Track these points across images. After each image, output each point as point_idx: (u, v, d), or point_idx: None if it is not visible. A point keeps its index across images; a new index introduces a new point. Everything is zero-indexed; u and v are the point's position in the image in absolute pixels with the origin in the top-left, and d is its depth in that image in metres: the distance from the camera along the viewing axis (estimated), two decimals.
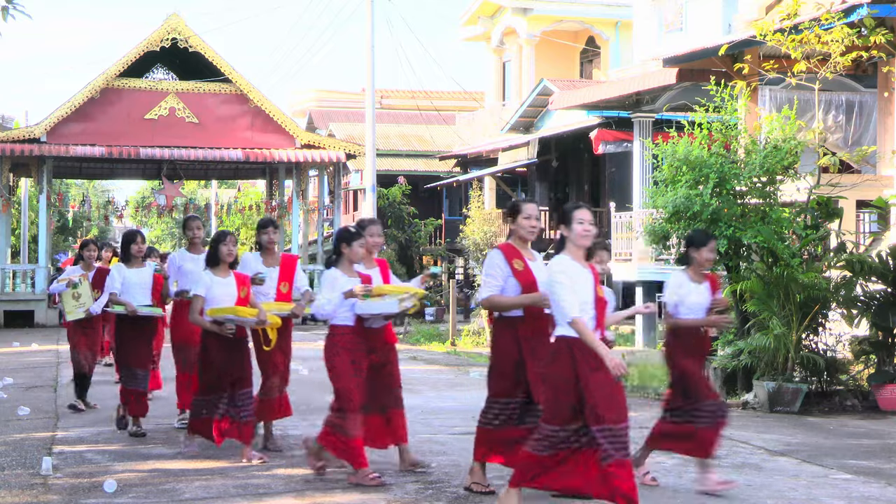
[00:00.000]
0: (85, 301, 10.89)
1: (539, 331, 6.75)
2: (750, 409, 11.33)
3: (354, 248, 7.51)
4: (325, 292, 7.42)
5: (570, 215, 6.18)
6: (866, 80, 16.59)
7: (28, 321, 25.20)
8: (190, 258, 9.46)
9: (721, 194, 11.81)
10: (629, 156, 22.19)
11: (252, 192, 42.53)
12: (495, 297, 6.83)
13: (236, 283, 8.33)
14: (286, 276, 8.86)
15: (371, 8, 25.56)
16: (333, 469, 7.89)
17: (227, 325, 8.15)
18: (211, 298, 8.20)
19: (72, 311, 10.95)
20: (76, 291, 10.89)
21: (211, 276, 8.28)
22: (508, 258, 6.83)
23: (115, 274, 9.61)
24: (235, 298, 8.24)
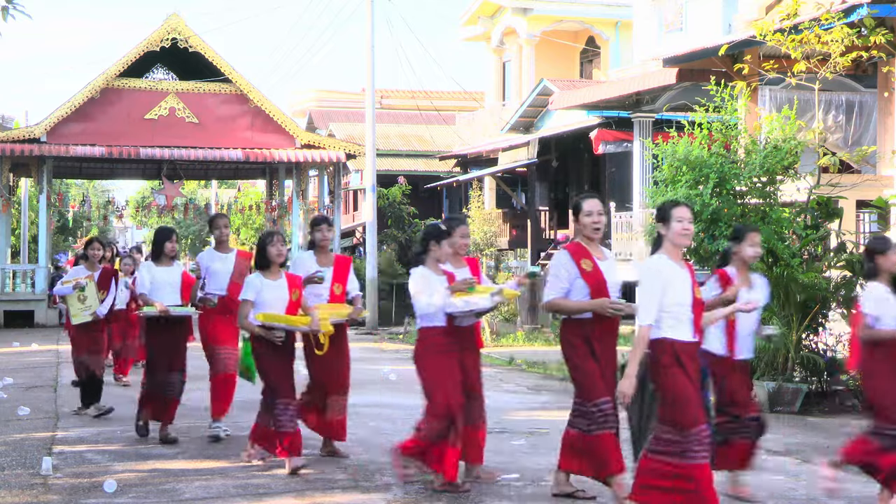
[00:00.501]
0: (91, 304, 10.58)
1: (609, 331, 6.64)
2: None
3: (444, 246, 7.22)
4: (420, 293, 7.09)
5: (668, 213, 5.94)
6: (866, 80, 16.59)
7: (28, 321, 25.19)
8: (219, 258, 9.15)
9: (721, 194, 11.81)
10: (629, 156, 22.19)
11: (252, 192, 42.51)
12: (558, 301, 6.60)
13: (288, 285, 7.91)
14: (340, 278, 8.42)
15: (371, 8, 25.55)
16: (333, 469, 7.89)
17: (277, 333, 7.76)
18: (261, 303, 7.78)
19: (77, 314, 10.61)
20: (82, 294, 10.55)
21: (261, 280, 7.85)
22: (576, 258, 6.59)
23: (144, 273, 9.16)
24: (287, 302, 7.84)
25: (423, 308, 7.11)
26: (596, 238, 6.70)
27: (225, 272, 9.13)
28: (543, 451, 8.64)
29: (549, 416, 9.86)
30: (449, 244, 7.28)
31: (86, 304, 10.57)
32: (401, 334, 23.47)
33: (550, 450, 8.56)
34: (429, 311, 7.08)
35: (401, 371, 14.81)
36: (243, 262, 9.26)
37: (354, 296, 8.51)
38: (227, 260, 9.12)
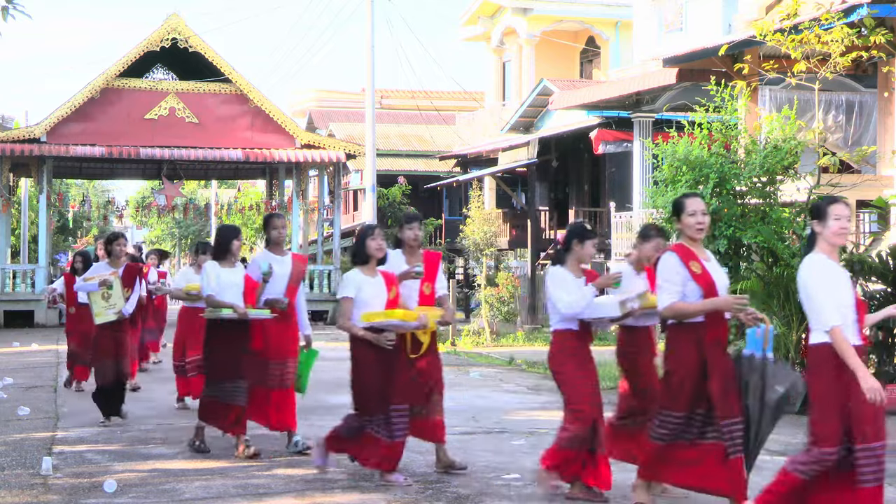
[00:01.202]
0: (116, 302, 9.95)
1: (721, 336, 6.30)
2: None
3: (587, 246, 6.85)
4: (561, 292, 6.72)
5: (825, 210, 5.66)
6: (866, 80, 16.59)
7: (28, 321, 25.19)
8: (276, 261, 8.56)
9: (721, 194, 11.81)
10: (629, 156, 22.19)
11: (252, 192, 42.51)
12: (678, 305, 6.20)
13: (385, 282, 7.38)
14: (429, 277, 7.82)
15: (371, 8, 25.55)
16: (333, 469, 7.89)
17: (388, 335, 7.19)
18: (361, 301, 7.25)
19: (101, 312, 9.96)
20: (107, 291, 9.94)
21: (360, 276, 7.32)
22: (685, 261, 6.24)
23: (210, 273, 8.43)
24: (385, 300, 7.30)
25: (563, 309, 6.75)
26: (699, 239, 6.36)
27: (282, 275, 8.54)
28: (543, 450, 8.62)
29: (549, 416, 9.86)
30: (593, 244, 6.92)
31: (110, 302, 9.94)
32: None
33: None
34: (569, 313, 6.73)
35: None
36: (300, 265, 8.79)
37: (442, 295, 7.98)
38: (284, 263, 8.58)
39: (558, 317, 6.82)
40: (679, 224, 6.36)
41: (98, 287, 9.91)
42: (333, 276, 27.08)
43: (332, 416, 10.32)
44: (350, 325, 7.26)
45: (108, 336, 10.03)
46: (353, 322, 7.24)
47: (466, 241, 23.73)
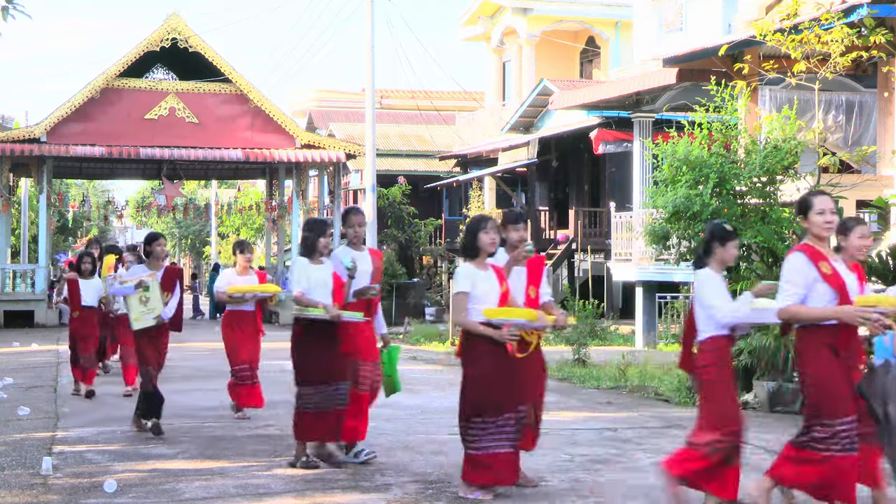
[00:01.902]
0: (154, 306, 9.38)
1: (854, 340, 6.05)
2: (750, 409, 11.32)
3: (729, 248, 6.51)
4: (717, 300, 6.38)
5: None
6: (866, 80, 16.59)
7: (28, 321, 25.19)
8: (358, 256, 8.16)
9: (721, 194, 11.82)
10: (629, 156, 22.19)
11: (252, 192, 42.52)
12: (796, 308, 5.93)
13: (497, 276, 7.01)
14: (534, 279, 7.42)
15: (371, 8, 25.56)
16: (333, 469, 7.89)
17: (510, 330, 6.80)
18: (475, 297, 6.85)
19: (139, 317, 9.38)
20: (144, 294, 9.36)
21: (474, 270, 6.93)
22: (814, 261, 5.95)
23: (300, 270, 7.91)
24: (498, 295, 6.91)
25: (724, 318, 6.37)
26: (827, 238, 6.09)
27: (365, 272, 8.15)
28: (544, 451, 8.62)
29: (549, 416, 9.82)
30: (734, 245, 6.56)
31: (148, 305, 9.36)
32: (401, 334, 23.45)
33: (550, 450, 8.57)
34: (729, 321, 6.38)
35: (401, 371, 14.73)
36: (378, 261, 8.40)
37: (548, 301, 7.55)
38: (364, 258, 8.18)
39: (714, 324, 6.41)
40: (805, 222, 6.12)
41: (134, 290, 9.38)
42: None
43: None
44: (468, 321, 6.84)
45: (146, 342, 9.49)
46: (470, 317, 6.83)
47: None
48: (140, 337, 9.51)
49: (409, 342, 21.79)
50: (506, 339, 6.74)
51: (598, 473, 7.76)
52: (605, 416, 10.74)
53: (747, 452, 8.71)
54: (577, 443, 9.11)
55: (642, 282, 19.66)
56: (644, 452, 8.64)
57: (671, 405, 12.15)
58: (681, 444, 6.91)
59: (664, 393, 12.77)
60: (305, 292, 7.80)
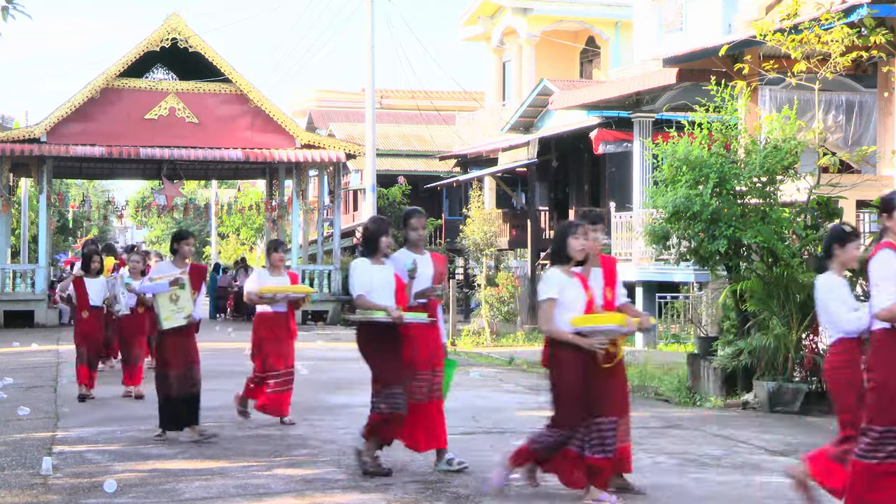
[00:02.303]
0: (184, 305, 9.08)
1: None
2: (750, 409, 11.33)
3: (849, 249, 6.33)
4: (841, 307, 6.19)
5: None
6: (866, 80, 16.58)
7: (28, 321, 25.18)
8: (419, 259, 7.87)
9: (721, 194, 11.81)
10: (629, 156, 22.19)
11: (252, 192, 42.53)
12: None
13: (582, 283, 6.85)
14: (610, 281, 7.24)
15: (371, 8, 25.57)
16: (333, 469, 7.89)
17: (599, 339, 6.63)
18: (563, 304, 6.67)
19: (169, 316, 9.05)
20: (174, 293, 9.06)
21: (562, 276, 6.75)
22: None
23: (362, 271, 7.64)
24: (586, 303, 6.77)
25: (850, 326, 6.18)
26: None
27: (426, 276, 7.88)
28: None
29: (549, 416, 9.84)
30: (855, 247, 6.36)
31: (178, 304, 9.06)
32: None
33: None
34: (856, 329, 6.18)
35: None
36: (440, 265, 8.11)
37: (626, 303, 7.36)
38: (425, 261, 7.90)
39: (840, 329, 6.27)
40: (889, 221, 6.03)
41: (168, 287, 9.04)
42: (333, 276, 27.08)
43: (332, 416, 10.37)
44: (556, 330, 6.66)
45: (174, 343, 9.13)
46: (558, 325, 6.66)
47: (466, 241, 23.75)
48: (166, 338, 9.14)
49: None
50: (596, 349, 6.58)
51: None
52: None
53: (746, 452, 8.74)
54: None
55: (642, 282, 19.66)
56: (644, 452, 8.63)
57: (671, 405, 12.15)
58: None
59: (664, 393, 12.78)
60: (367, 294, 7.53)
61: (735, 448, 8.93)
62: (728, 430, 9.83)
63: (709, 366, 12.31)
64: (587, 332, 6.64)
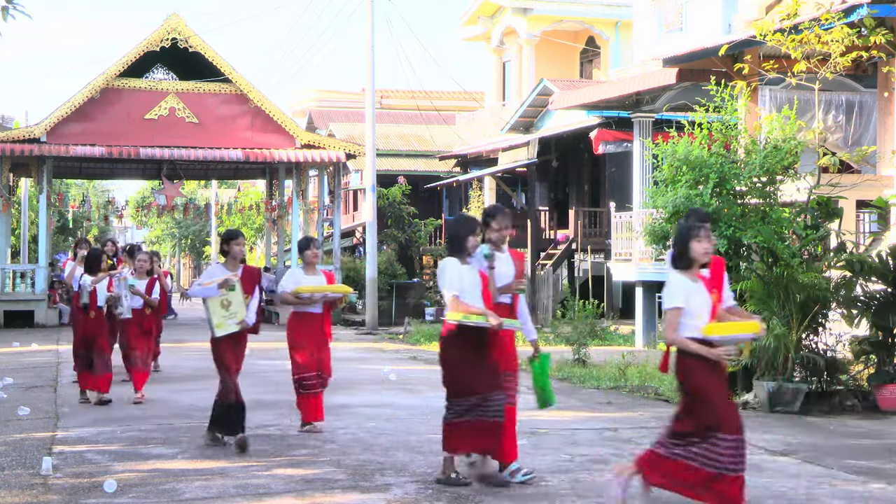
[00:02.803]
0: (237, 310, 8.67)
1: None
2: (750, 409, 11.32)
3: None
4: None
5: None
6: (866, 80, 16.59)
7: (28, 321, 25.19)
8: (499, 257, 7.57)
9: (721, 194, 11.81)
10: (629, 156, 22.20)
11: (252, 192, 42.54)
12: None
13: (706, 288, 6.46)
14: (717, 282, 6.92)
15: (371, 8, 25.56)
16: (333, 469, 7.89)
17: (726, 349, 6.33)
18: (689, 311, 6.30)
19: (221, 322, 8.64)
20: (225, 298, 8.63)
21: (688, 282, 6.35)
22: None
23: (453, 272, 7.27)
24: (711, 307, 6.39)
25: None
26: None
27: (507, 275, 7.59)
28: (544, 451, 8.64)
29: (549, 417, 9.85)
30: None
31: (230, 310, 8.64)
32: (401, 334, 23.46)
33: (550, 450, 8.58)
34: None
35: (401, 371, 14.81)
36: (520, 263, 7.83)
37: (732, 305, 7.06)
38: (505, 259, 7.62)
39: None
40: None
41: (218, 291, 8.63)
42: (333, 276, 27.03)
43: (332, 416, 10.35)
44: (681, 340, 6.29)
45: (229, 349, 8.76)
46: (682, 335, 6.30)
47: None
48: (218, 344, 8.77)
49: (409, 342, 21.79)
50: (723, 360, 6.29)
51: (598, 473, 7.75)
52: (605, 416, 10.74)
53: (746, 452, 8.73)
54: (577, 443, 9.11)
55: (642, 282, 19.66)
56: None
57: (671, 405, 12.14)
58: None
59: (664, 393, 12.77)
60: (460, 295, 7.19)
61: None
62: None
63: None
64: (719, 341, 6.31)
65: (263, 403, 11.43)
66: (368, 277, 25.17)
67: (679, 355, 6.40)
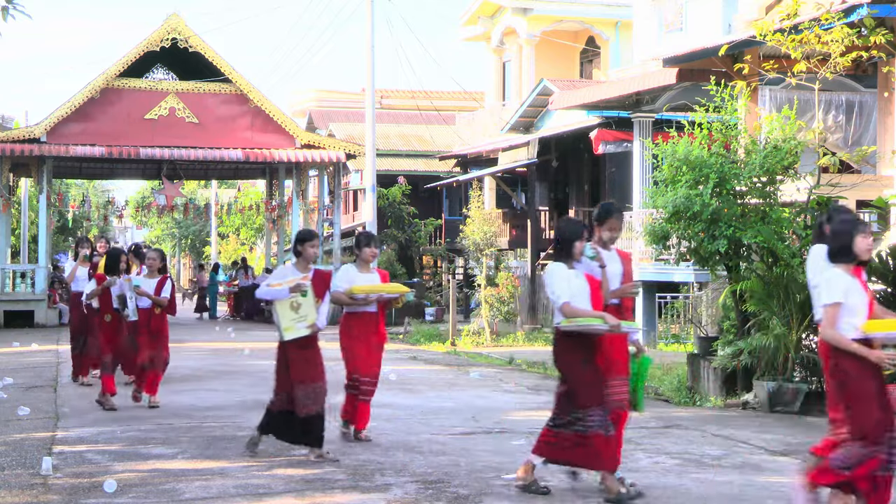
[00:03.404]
0: (307, 313, 8.31)
1: None
2: (750, 409, 11.33)
3: None
4: None
5: None
6: (866, 80, 16.58)
7: (28, 321, 25.19)
8: (608, 257, 7.36)
9: (721, 194, 11.81)
10: (629, 156, 22.19)
11: (252, 192, 42.52)
12: None
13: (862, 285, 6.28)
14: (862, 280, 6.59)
15: (371, 8, 25.56)
16: (333, 469, 7.89)
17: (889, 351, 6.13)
18: (849, 308, 6.07)
19: (290, 326, 8.28)
20: (295, 301, 8.30)
21: (847, 278, 6.15)
22: None
23: (561, 277, 7.03)
24: (867, 305, 6.21)
25: None
26: None
27: (615, 273, 7.39)
28: None
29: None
30: None
31: (300, 312, 8.30)
32: (401, 334, 23.47)
33: None
34: None
35: (401, 371, 14.81)
36: (628, 263, 7.64)
37: None
38: (613, 258, 7.40)
39: None
40: None
41: (288, 294, 8.31)
42: (333, 276, 27.02)
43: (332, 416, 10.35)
44: (839, 337, 6.05)
45: (298, 355, 8.34)
46: (841, 332, 6.07)
47: (466, 241, 23.75)
48: (289, 350, 8.37)
49: (409, 342, 21.81)
50: (885, 364, 6.02)
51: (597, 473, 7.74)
52: None
53: (746, 452, 8.74)
54: None
55: (642, 282, 19.65)
56: (644, 452, 8.64)
57: (671, 405, 12.15)
58: None
59: (664, 393, 12.78)
60: (572, 301, 6.98)
61: (735, 448, 8.93)
62: (728, 430, 9.84)
63: (709, 366, 12.31)
64: (883, 338, 6.14)
65: (263, 403, 11.41)
66: None
67: (834, 354, 6.12)
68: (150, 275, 11.50)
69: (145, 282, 11.43)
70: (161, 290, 11.35)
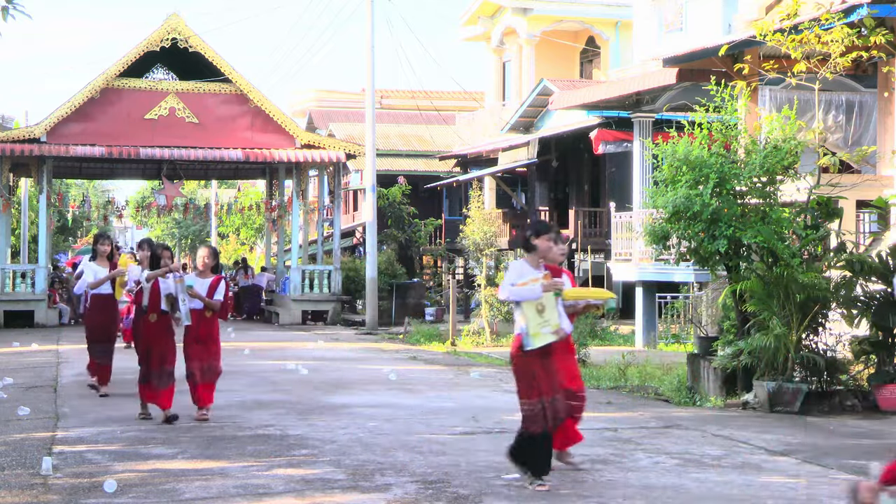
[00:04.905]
0: (550, 316, 7.30)
1: None
2: (750, 409, 11.33)
3: None
4: None
5: None
6: (866, 80, 16.59)
7: (28, 321, 25.17)
8: None
9: (721, 194, 11.81)
10: (629, 156, 22.20)
11: (252, 192, 42.53)
12: None
13: None
14: None
15: (371, 8, 25.56)
16: (333, 469, 7.89)
17: None
18: None
19: (537, 332, 7.26)
20: (540, 303, 7.27)
21: None
22: None
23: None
24: None
25: None
26: None
27: None
28: None
29: None
30: None
31: (544, 316, 7.31)
32: (401, 334, 23.47)
33: None
34: None
35: (401, 371, 14.81)
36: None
37: None
38: None
39: None
40: None
41: (541, 293, 7.24)
42: (333, 276, 27.09)
43: (332, 416, 10.37)
44: None
45: (541, 365, 7.21)
46: None
47: (466, 241, 23.75)
48: (530, 360, 7.25)
49: (409, 342, 21.80)
50: None
51: (598, 473, 7.76)
52: (605, 416, 10.74)
53: (746, 452, 8.74)
54: None
55: (642, 282, 19.66)
56: (644, 452, 8.64)
57: (671, 405, 12.15)
58: None
59: (664, 393, 12.77)
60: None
61: (735, 448, 8.93)
62: (728, 430, 9.84)
63: (709, 366, 12.31)
64: None
65: (263, 403, 11.45)
66: (368, 277, 25.18)
67: None
68: (202, 274, 10.35)
69: (198, 282, 10.26)
70: (214, 291, 10.26)
